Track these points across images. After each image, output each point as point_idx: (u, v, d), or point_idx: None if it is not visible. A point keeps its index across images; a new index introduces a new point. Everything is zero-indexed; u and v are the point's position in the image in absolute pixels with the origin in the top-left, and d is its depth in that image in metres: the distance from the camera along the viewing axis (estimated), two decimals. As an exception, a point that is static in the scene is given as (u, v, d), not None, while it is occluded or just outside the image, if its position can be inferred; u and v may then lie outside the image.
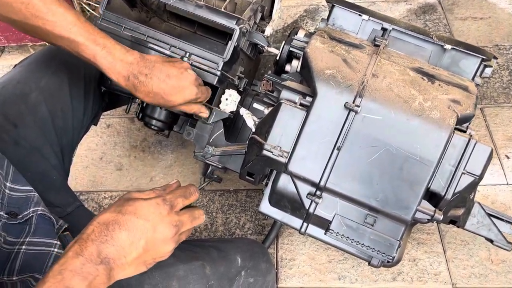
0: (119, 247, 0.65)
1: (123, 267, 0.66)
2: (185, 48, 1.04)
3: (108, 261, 0.64)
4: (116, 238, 0.65)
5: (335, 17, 1.07)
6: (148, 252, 0.68)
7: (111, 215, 0.67)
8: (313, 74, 0.92)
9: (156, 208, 0.70)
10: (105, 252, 0.64)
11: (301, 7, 1.91)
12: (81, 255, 0.62)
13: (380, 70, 0.93)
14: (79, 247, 0.63)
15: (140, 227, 0.67)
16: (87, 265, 0.62)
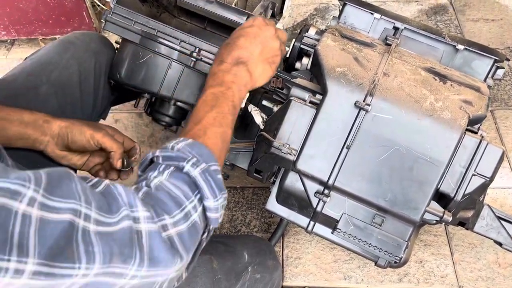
0: (244, 48, 0.83)
1: (254, 63, 0.84)
2: (195, 43, 1.04)
3: (241, 60, 0.83)
4: (238, 44, 0.84)
5: (346, 15, 1.07)
6: (266, 48, 0.86)
7: (227, 40, 0.88)
8: (324, 71, 0.92)
9: (254, 19, 0.89)
10: (236, 55, 0.83)
11: (311, 5, 1.90)
12: (224, 62, 0.82)
13: (392, 69, 0.93)
14: (219, 60, 0.84)
15: (251, 31, 0.86)
16: (228, 66, 0.82)
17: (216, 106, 0.76)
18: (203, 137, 0.70)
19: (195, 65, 1.05)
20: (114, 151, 0.96)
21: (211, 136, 0.72)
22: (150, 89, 1.08)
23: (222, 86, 0.79)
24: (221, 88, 0.79)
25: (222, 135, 0.75)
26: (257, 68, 0.85)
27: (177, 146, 0.66)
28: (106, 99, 1.17)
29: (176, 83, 1.08)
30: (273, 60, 0.88)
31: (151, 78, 1.08)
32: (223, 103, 0.77)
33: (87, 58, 1.11)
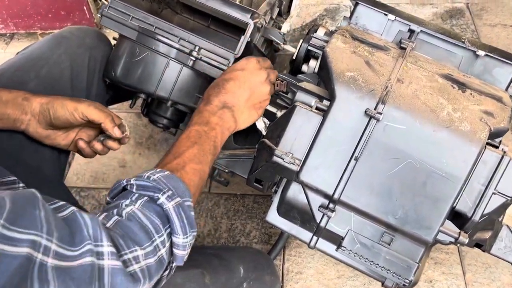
0: (232, 93, 0.83)
1: (240, 109, 0.83)
2: (195, 42, 0.97)
3: (227, 105, 0.82)
4: (227, 88, 0.83)
5: (358, 16, 0.99)
6: (254, 94, 0.85)
7: (216, 80, 0.86)
8: (332, 75, 0.85)
9: (247, 61, 0.87)
10: (223, 99, 0.82)
11: (321, 5, 1.83)
12: (210, 104, 0.81)
13: (406, 75, 0.85)
14: (205, 101, 0.82)
15: (241, 75, 0.85)
16: (214, 109, 0.81)
17: (198, 143, 0.76)
18: (181, 171, 0.69)
19: (194, 64, 0.98)
20: (103, 121, 0.89)
21: (189, 172, 0.70)
22: (146, 89, 1.02)
23: (207, 126, 0.79)
24: (205, 127, 0.78)
25: (200, 172, 0.73)
26: (243, 114, 0.85)
27: (154, 176, 0.63)
28: (100, 98, 1.11)
29: (174, 84, 1.01)
30: (260, 106, 0.88)
31: (147, 77, 1.01)
32: (205, 142, 0.77)
33: (81, 53, 1.05)
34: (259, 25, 0.99)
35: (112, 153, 1.46)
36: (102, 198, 1.37)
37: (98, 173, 1.42)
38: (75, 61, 1.03)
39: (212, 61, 0.97)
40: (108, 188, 1.38)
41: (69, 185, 1.41)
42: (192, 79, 1.02)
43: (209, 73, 0.97)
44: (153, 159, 1.44)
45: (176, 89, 1.01)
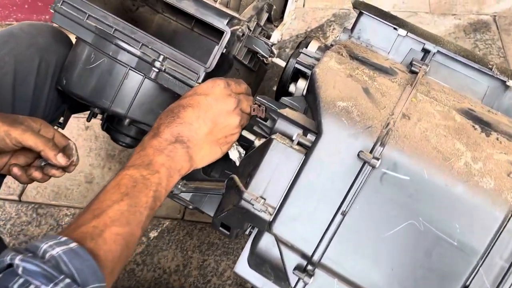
0: (188, 124, 0.67)
1: (198, 145, 0.67)
2: (159, 49, 0.79)
3: (182, 139, 0.66)
4: (182, 116, 0.67)
5: (362, 28, 0.81)
6: (217, 126, 0.69)
7: (173, 105, 0.70)
8: (320, 104, 0.67)
9: (213, 84, 0.71)
10: (176, 130, 0.66)
11: (329, 10, 1.64)
12: (158, 136, 0.65)
13: (414, 109, 0.67)
14: (153, 132, 0.66)
15: (203, 101, 0.69)
16: (163, 143, 0.64)
17: (130, 195, 0.59)
18: (97, 240, 0.53)
19: (157, 77, 0.80)
20: (43, 149, 0.72)
21: (108, 240, 0.54)
22: (100, 103, 0.85)
23: (148, 168, 0.62)
24: (145, 171, 0.62)
25: (126, 237, 0.55)
26: (201, 151, 0.69)
27: (52, 251, 0.46)
28: (53, 109, 0.94)
29: (133, 98, 0.84)
30: (225, 141, 0.73)
31: (102, 89, 0.84)
32: (141, 193, 0.60)
33: (29, 55, 0.88)
34: (240, 33, 0.81)
35: (79, 166, 1.30)
36: (62, 218, 1.20)
37: (60, 188, 1.26)
38: (21, 64, 0.87)
39: (178, 75, 0.79)
40: (70, 206, 1.21)
41: (26, 200, 1.25)
42: (156, 93, 0.84)
43: (174, 89, 0.80)
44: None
45: (135, 105, 0.84)
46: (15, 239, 1.17)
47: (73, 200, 1.23)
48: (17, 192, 1.26)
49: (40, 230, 1.18)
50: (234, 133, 0.73)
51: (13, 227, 1.19)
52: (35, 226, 1.19)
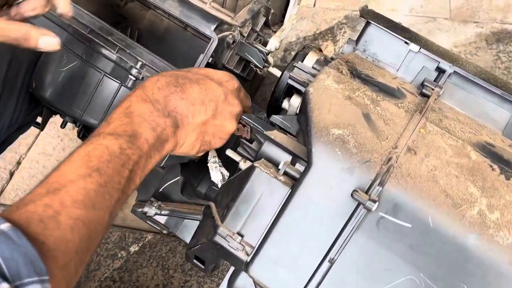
0: (189, 103, 0.56)
1: (187, 129, 0.56)
2: (138, 55, 0.70)
3: (175, 115, 0.55)
4: (186, 91, 0.56)
5: (368, 40, 0.71)
6: (214, 122, 0.59)
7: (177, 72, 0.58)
8: (312, 130, 0.57)
9: (230, 78, 0.62)
10: (173, 103, 0.55)
11: (341, 11, 1.53)
12: (148, 101, 0.53)
13: (422, 142, 0.57)
14: (143, 92, 0.54)
15: (214, 88, 0.58)
16: (154, 113, 0.53)
17: (102, 172, 0.46)
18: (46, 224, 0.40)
19: (134, 85, 0.71)
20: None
21: (63, 225, 0.41)
22: (70, 111, 0.76)
23: (130, 141, 0.50)
24: (126, 143, 0.49)
25: (90, 224, 0.44)
26: (187, 137, 0.58)
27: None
28: (24, 112, 0.86)
29: (107, 108, 0.75)
30: (209, 143, 0.62)
31: (73, 96, 0.76)
32: (115, 171, 0.48)
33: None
34: (231, 40, 0.72)
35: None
36: (40, 224, 1.12)
37: (42, 192, 1.18)
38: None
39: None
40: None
41: (4, 203, 1.17)
42: (133, 103, 0.75)
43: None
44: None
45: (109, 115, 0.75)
46: (-10, 245, 1.09)
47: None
48: (-5, 192, 1.19)
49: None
50: (221, 139, 0.63)
51: (-12, 232, 1.11)
52: (11, 231, 1.11)
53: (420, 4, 1.52)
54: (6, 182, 1.20)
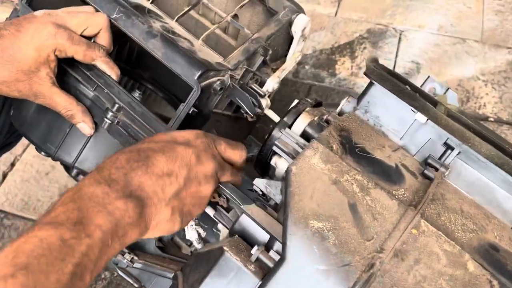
0: (156, 176, 0.50)
1: (158, 207, 0.50)
2: (116, 95, 0.64)
3: (139, 194, 0.49)
4: (151, 164, 0.50)
5: (371, 101, 0.63)
6: (188, 190, 0.53)
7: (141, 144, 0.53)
8: (288, 220, 0.50)
9: (196, 135, 0.56)
10: (136, 181, 0.49)
11: (364, 24, 1.43)
12: (103, 183, 0.47)
13: (413, 245, 0.50)
14: (98, 174, 0.48)
15: (182, 153, 0.53)
16: (111, 195, 0.46)
17: (32, 270, 0.39)
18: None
19: (109, 128, 0.65)
20: None
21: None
22: (43, 147, 0.71)
23: (75, 229, 0.43)
24: (70, 233, 0.43)
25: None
26: (159, 215, 0.51)
27: None
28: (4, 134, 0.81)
29: (83, 146, 0.69)
30: (189, 212, 0.55)
31: (47, 131, 0.70)
32: (51, 267, 0.40)
33: None
34: (219, 86, 0.65)
35: (56, 175, 1.18)
36: (26, 234, 1.09)
37: (31, 198, 1.15)
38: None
39: (133, 131, 0.64)
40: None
41: (-6, 207, 1.15)
42: (111, 143, 0.69)
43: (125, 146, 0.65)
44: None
45: (85, 154, 0.70)
46: (-26, 250, 1.07)
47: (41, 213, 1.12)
48: (-14, 195, 1.16)
49: (1, 244, 1.08)
50: (201, 204, 0.56)
51: (-26, 236, 1.10)
52: (-3, 238, 1.09)
53: (450, 22, 1.40)
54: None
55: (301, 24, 0.75)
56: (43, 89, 0.63)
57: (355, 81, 1.31)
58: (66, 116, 0.65)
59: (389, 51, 1.36)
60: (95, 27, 0.65)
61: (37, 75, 0.62)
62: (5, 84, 0.62)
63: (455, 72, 1.30)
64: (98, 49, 0.64)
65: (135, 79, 0.88)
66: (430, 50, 1.35)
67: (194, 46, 0.67)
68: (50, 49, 0.61)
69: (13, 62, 0.60)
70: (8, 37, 0.61)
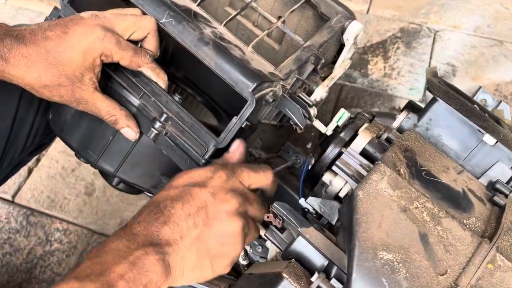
0: (173, 224, 0.51)
1: (180, 252, 0.50)
2: (164, 105, 0.61)
3: (159, 242, 0.49)
4: (168, 214, 0.51)
5: (433, 119, 0.60)
6: (211, 231, 0.52)
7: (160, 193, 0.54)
8: (355, 250, 0.48)
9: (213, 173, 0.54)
10: (155, 231, 0.50)
11: (397, 22, 1.39)
12: (125, 238, 0.49)
13: (489, 282, 0.47)
14: (123, 231, 0.50)
15: (197, 195, 0.52)
16: (132, 247, 0.48)
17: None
18: None
19: (156, 138, 0.63)
20: None
21: None
22: (84, 154, 0.68)
23: (98, 280, 0.44)
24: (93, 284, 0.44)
25: None
26: (184, 261, 0.51)
27: None
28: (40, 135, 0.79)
29: (125, 156, 0.67)
30: (221, 254, 0.53)
31: (89, 138, 0.67)
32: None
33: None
34: (271, 98, 0.62)
35: (82, 172, 1.16)
36: (52, 232, 1.08)
37: (57, 196, 1.12)
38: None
39: (181, 143, 0.61)
40: (63, 219, 1.08)
41: (19, 203, 1.13)
42: (155, 153, 0.66)
43: (173, 158, 0.63)
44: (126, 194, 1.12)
45: (128, 164, 0.67)
46: (0, 248, 1.06)
47: (67, 213, 1.10)
48: (11, 191, 1.14)
49: (28, 242, 1.06)
50: (233, 244, 0.53)
51: (0, 233, 1.08)
52: (23, 236, 1.07)
53: (487, 23, 1.36)
54: (23, 180, 1.15)
55: (354, 31, 0.72)
56: (86, 95, 0.60)
57: (388, 83, 1.27)
58: (110, 122, 0.62)
59: (423, 52, 1.32)
60: (143, 31, 0.62)
61: (81, 80, 0.59)
62: (47, 89, 0.59)
63: (493, 76, 1.26)
64: (145, 55, 0.61)
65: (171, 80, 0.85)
66: (466, 52, 1.31)
67: (245, 54, 0.64)
68: (97, 54, 0.59)
69: (58, 65, 0.58)
70: (54, 39, 0.57)
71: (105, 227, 1.08)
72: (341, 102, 1.26)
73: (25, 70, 0.56)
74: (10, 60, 0.55)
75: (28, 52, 0.56)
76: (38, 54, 0.56)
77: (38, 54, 0.56)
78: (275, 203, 0.55)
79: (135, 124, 0.63)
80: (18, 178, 1.15)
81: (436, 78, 0.62)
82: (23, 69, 0.56)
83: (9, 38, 0.56)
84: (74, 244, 1.05)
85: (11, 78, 0.57)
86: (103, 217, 1.09)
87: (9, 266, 1.03)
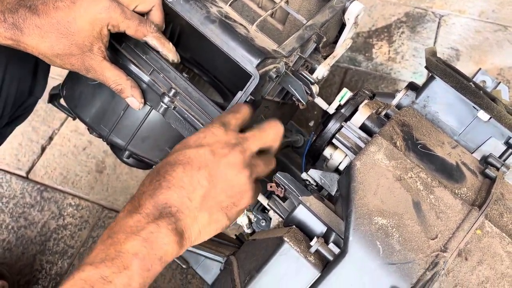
0: (178, 188, 0.51)
1: (191, 214, 0.51)
2: (172, 80, 0.64)
3: (169, 210, 0.50)
4: (170, 179, 0.51)
5: (431, 96, 0.62)
6: (217, 186, 0.52)
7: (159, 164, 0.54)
8: (352, 216, 0.51)
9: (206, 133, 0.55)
10: (162, 199, 0.50)
11: (402, 7, 1.40)
12: (137, 212, 0.49)
13: (477, 246, 0.50)
14: (131, 205, 0.51)
15: (195, 156, 0.53)
16: (142, 222, 0.49)
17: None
18: None
19: (165, 113, 0.66)
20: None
21: None
22: (97, 129, 0.71)
23: (113, 264, 0.46)
24: (109, 269, 0.46)
25: None
26: (196, 223, 0.52)
27: None
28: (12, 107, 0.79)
29: (136, 130, 0.70)
30: (233, 203, 0.54)
31: (102, 113, 0.71)
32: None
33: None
34: (275, 74, 0.65)
35: (93, 150, 1.20)
36: (65, 207, 1.12)
37: (70, 173, 1.16)
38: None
39: (189, 116, 0.64)
40: (76, 195, 1.12)
41: (33, 179, 1.17)
42: (164, 127, 0.70)
43: (181, 131, 0.66)
44: (137, 171, 1.16)
45: (138, 138, 0.70)
46: (15, 222, 1.10)
47: (79, 189, 1.14)
48: (25, 167, 1.18)
49: (42, 216, 1.10)
50: (242, 192, 0.54)
51: (15, 207, 1.12)
52: (37, 210, 1.11)
53: (492, 8, 1.37)
54: (37, 157, 1.19)
55: (355, 11, 0.74)
56: (95, 64, 0.62)
57: (392, 67, 1.29)
58: (116, 91, 0.64)
59: (428, 36, 1.34)
60: (148, 4, 0.63)
61: (90, 50, 0.62)
62: (59, 57, 0.61)
63: (496, 60, 1.27)
64: (150, 24, 0.63)
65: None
66: (470, 37, 1.32)
67: (250, 32, 0.66)
68: (104, 23, 0.60)
69: (68, 35, 0.60)
70: (63, 9, 0.59)
71: (115, 203, 1.12)
72: (345, 85, 1.28)
73: (38, 40, 0.59)
74: (24, 30, 0.58)
75: (41, 22, 0.58)
76: (50, 25, 0.58)
77: (50, 25, 0.58)
78: (278, 173, 0.58)
79: (139, 94, 0.65)
80: (31, 156, 1.20)
81: (434, 57, 0.64)
82: (36, 39, 0.59)
83: (23, 8, 0.58)
84: (86, 219, 1.09)
85: (26, 47, 0.60)
86: (113, 193, 1.13)
87: (24, 239, 1.07)
